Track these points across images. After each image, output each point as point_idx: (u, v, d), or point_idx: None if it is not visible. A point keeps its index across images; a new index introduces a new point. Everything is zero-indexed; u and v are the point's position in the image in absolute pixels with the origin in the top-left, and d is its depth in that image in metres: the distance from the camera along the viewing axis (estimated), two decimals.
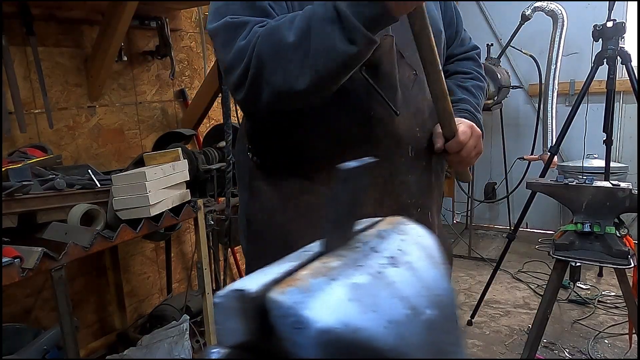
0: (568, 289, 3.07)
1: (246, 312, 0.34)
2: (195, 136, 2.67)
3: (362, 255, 0.42)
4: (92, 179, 1.82)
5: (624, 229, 1.83)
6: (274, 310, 0.34)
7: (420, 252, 0.46)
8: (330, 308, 0.34)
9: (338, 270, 0.38)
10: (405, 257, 0.43)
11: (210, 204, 2.14)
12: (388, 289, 0.39)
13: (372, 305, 0.36)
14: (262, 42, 0.86)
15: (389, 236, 0.47)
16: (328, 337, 0.33)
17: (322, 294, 0.35)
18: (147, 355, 2.13)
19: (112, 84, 2.38)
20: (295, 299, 0.34)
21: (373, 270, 0.40)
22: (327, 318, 0.33)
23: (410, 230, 0.49)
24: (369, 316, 0.35)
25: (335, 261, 0.40)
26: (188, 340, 2.23)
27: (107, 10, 2.10)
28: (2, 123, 1.89)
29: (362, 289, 0.37)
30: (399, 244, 0.45)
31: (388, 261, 0.42)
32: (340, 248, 0.43)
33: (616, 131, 3.66)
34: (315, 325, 0.33)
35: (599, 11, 3.19)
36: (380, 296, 0.37)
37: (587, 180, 1.85)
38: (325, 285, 0.36)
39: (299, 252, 0.44)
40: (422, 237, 0.49)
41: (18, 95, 1.96)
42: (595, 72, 2.61)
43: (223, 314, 0.35)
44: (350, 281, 0.37)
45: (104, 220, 1.71)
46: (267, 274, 0.37)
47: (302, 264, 0.40)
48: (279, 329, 0.34)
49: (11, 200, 1.51)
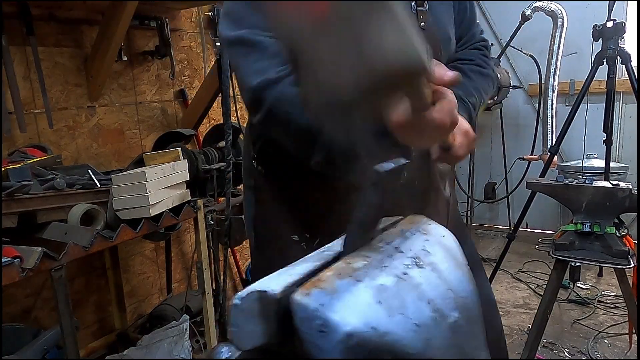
0: (568, 289, 3.07)
1: (267, 314, 0.33)
2: (195, 136, 2.67)
3: (387, 256, 0.40)
4: (92, 179, 1.82)
5: (624, 229, 1.83)
6: (299, 313, 0.32)
7: (444, 253, 0.45)
8: (358, 311, 0.33)
9: (363, 271, 0.37)
10: (429, 258, 0.42)
11: (210, 204, 2.14)
12: (414, 291, 0.37)
13: (399, 308, 0.35)
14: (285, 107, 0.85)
15: (413, 236, 0.45)
16: (355, 341, 0.31)
17: (349, 296, 0.33)
18: (147, 355, 2.13)
19: (112, 84, 2.38)
20: (321, 301, 0.32)
21: (398, 271, 0.38)
22: (355, 321, 0.32)
23: (433, 230, 0.48)
24: (396, 319, 0.34)
25: (360, 261, 0.38)
26: (188, 340, 2.23)
27: (107, 10, 2.10)
28: (2, 123, 1.89)
29: (388, 291, 0.36)
30: (423, 244, 0.44)
31: (412, 262, 0.41)
32: (363, 247, 0.42)
33: (616, 131, 3.65)
34: (342, 329, 0.31)
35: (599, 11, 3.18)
36: (407, 299, 0.36)
37: (587, 180, 1.85)
38: (351, 287, 0.34)
39: (320, 251, 0.42)
40: (445, 237, 0.48)
41: (18, 95, 1.96)
42: (595, 72, 2.61)
43: (242, 316, 0.33)
44: (376, 283, 0.36)
45: (104, 220, 1.71)
46: (290, 274, 0.36)
47: (325, 264, 0.38)
48: (302, 332, 0.32)
49: (11, 200, 1.51)
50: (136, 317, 2.57)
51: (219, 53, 2.22)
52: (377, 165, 0.38)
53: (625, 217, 1.91)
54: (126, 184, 1.72)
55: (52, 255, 1.45)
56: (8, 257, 1.35)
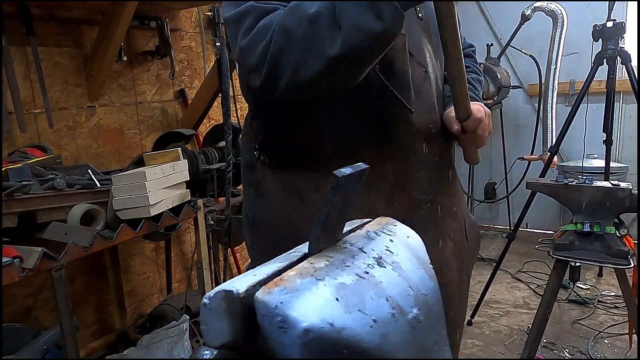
0: (568, 289, 3.07)
1: (233, 312, 0.34)
2: (195, 136, 2.67)
3: (350, 256, 0.42)
4: (92, 179, 1.83)
5: (624, 229, 1.83)
6: (260, 310, 0.34)
7: (407, 253, 0.46)
8: (316, 308, 0.34)
9: (325, 271, 0.38)
10: (392, 257, 0.44)
11: (210, 204, 2.14)
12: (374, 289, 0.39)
13: (357, 304, 0.36)
14: (285, 16, 0.82)
15: (377, 237, 0.47)
16: (313, 336, 0.33)
17: (308, 294, 0.35)
18: (147, 355, 2.13)
19: (112, 84, 2.38)
20: (281, 299, 0.34)
21: (360, 270, 0.40)
22: (312, 318, 0.33)
23: (399, 231, 0.49)
24: (354, 315, 0.35)
25: (323, 262, 0.40)
26: (188, 340, 2.23)
27: (107, 10, 2.10)
28: (2, 123, 1.89)
29: (348, 288, 0.37)
30: (387, 244, 0.46)
31: (375, 261, 0.42)
32: (328, 249, 0.43)
33: (616, 131, 3.66)
34: (300, 325, 0.33)
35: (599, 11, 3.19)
36: (366, 296, 0.38)
37: (587, 180, 1.85)
38: (311, 285, 0.36)
39: (287, 253, 0.44)
40: (410, 237, 0.49)
41: (18, 95, 1.96)
42: (595, 72, 2.61)
43: (210, 314, 0.35)
44: (336, 281, 0.37)
45: (103, 220, 1.71)
46: (256, 274, 0.37)
47: (290, 264, 0.40)
48: (265, 329, 0.34)
49: (11, 200, 1.51)
50: (136, 317, 2.57)
51: (219, 53, 2.22)
52: (336, 170, 0.39)
53: (625, 217, 1.91)
54: (126, 184, 1.72)
55: (52, 255, 1.45)
56: (8, 257, 1.35)
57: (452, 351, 0.47)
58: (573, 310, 2.96)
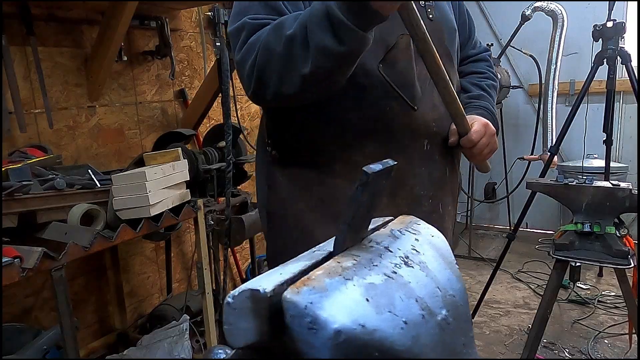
0: (568, 289, 3.07)
1: (259, 312, 0.33)
2: (195, 136, 2.67)
3: (376, 255, 0.41)
4: (92, 179, 1.82)
5: (624, 229, 1.83)
6: (289, 311, 0.33)
7: (433, 252, 0.45)
8: (347, 309, 0.33)
9: (352, 270, 0.37)
10: (419, 257, 0.43)
11: (210, 204, 2.14)
12: (403, 290, 0.38)
13: (388, 305, 0.36)
14: (268, 34, 0.90)
15: (402, 235, 0.46)
16: (344, 338, 0.32)
17: (338, 294, 0.34)
18: (147, 355, 2.13)
19: (112, 84, 2.38)
20: (310, 299, 0.33)
21: (388, 270, 0.39)
22: (344, 319, 0.32)
23: (423, 230, 0.49)
24: (385, 317, 0.35)
25: (350, 261, 0.39)
26: (188, 340, 2.23)
27: (107, 10, 2.10)
28: (2, 123, 1.89)
29: (376, 289, 0.36)
30: (412, 243, 0.45)
31: (402, 261, 0.41)
32: (353, 247, 0.42)
33: (616, 131, 3.66)
34: (331, 326, 0.32)
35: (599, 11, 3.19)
36: (396, 296, 0.37)
37: (587, 180, 1.85)
38: (340, 285, 0.35)
39: (311, 251, 0.43)
40: (435, 236, 0.49)
41: (18, 95, 1.96)
42: (595, 72, 2.61)
43: (235, 314, 0.34)
44: (365, 281, 0.36)
45: (104, 220, 1.71)
46: (282, 273, 0.36)
47: (316, 263, 0.39)
48: (293, 330, 0.33)
49: (11, 200, 1.51)
50: (136, 317, 2.57)
51: (219, 53, 2.22)
52: (365, 166, 0.39)
53: (625, 217, 1.91)
54: (126, 184, 1.72)
55: (52, 255, 1.45)
56: (8, 257, 1.35)
57: None
58: (573, 310, 2.96)
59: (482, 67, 1.30)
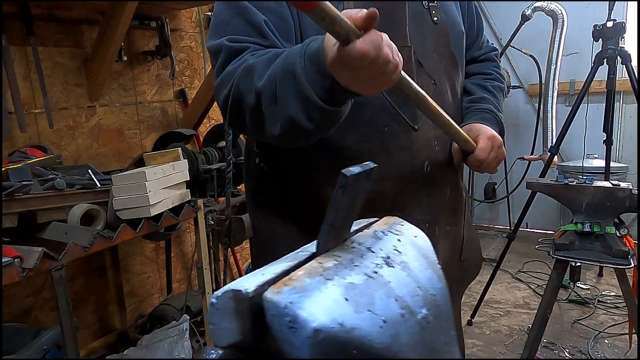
0: (568, 289, 3.07)
1: (241, 312, 0.34)
2: (195, 136, 2.67)
3: (358, 255, 0.42)
4: (92, 179, 1.82)
5: (624, 229, 1.83)
6: (270, 310, 0.34)
7: (415, 252, 0.46)
8: (326, 308, 0.34)
9: (334, 270, 0.38)
10: (400, 257, 0.43)
11: (210, 204, 2.14)
12: (383, 289, 0.39)
13: (367, 304, 0.36)
14: (240, 77, 0.84)
15: (385, 236, 0.47)
16: (323, 336, 0.33)
17: (318, 294, 0.35)
18: (147, 355, 2.13)
19: (112, 84, 2.38)
20: (290, 298, 0.34)
21: (368, 270, 0.40)
22: (323, 317, 0.33)
23: (406, 231, 0.49)
24: (364, 316, 0.35)
25: (331, 261, 0.39)
26: (188, 340, 2.23)
27: (107, 10, 2.10)
28: (2, 123, 1.89)
29: (357, 288, 0.37)
30: (394, 244, 0.45)
31: (383, 261, 0.42)
32: (336, 248, 0.43)
33: (616, 131, 3.65)
34: (310, 325, 0.33)
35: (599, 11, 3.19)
36: (376, 296, 0.37)
37: (587, 180, 1.85)
38: (320, 285, 0.35)
39: (295, 252, 0.44)
40: (418, 237, 0.49)
41: (18, 95, 1.96)
42: (595, 72, 2.61)
43: (218, 314, 0.35)
44: (345, 281, 0.37)
45: (104, 220, 1.71)
46: (264, 274, 0.37)
47: (298, 264, 0.40)
48: (274, 329, 0.34)
49: (11, 200, 1.51)
50: (136, 317, 2.57)
51: None
52: (345, 169, 0.39)
53: (625, 217, 1.91)
54: (126, 184, 1.72)
55: (52, 255, 1.45)
56: (8, 257, 1.35)
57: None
58: (573, 310, 2.96)
59: (488, 67, 1.24)
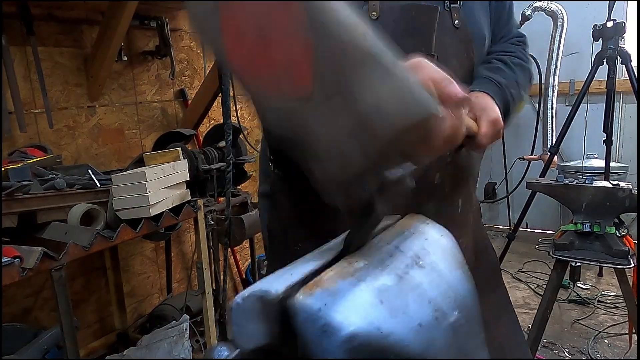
0: (568, 289, 3.07)
1: (269, 315, 0.32)
2: (195, 136, 2.67)
3: (387, 255, 0.40)
4: (92, 178, 1.82)
5: (624, 229, 1.83)
6: (302, 313, 0.32)
7: (442, 252, 0.44)
8: (360, 311, 0.32)
9: (364, 271, 0.36)
10: (429, 257, 0.42)
11: (210, 203, 2.14)
12: (415, 291, 0.37)
13: (401, 308, 0.34)
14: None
15: (412, 235, 0.45)
16: (359, 341, 0.31)
17: (351, 297, 0.33)
18: (147, 355, 2.13)
19: (112, 84, 2.38)
20: (324, 301, 0.32)
21: (399, 270, 0.38)
22: (358, 322, 0.32)
23: (431, 229, 0.48)
24: (399, 319, 0.34)
25: (361, 261, 0.38)
26: (188, 340, 2.23)
27: (107, 10, 2.10)
28: (2, 123, 1.89)
29: (390, 291, 0.35)
30: (422, 243, 0.44)
31: (412, 261, 0.40)
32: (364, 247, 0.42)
33: (616, 131, 3.65)
34: (346, 329, 0.31)
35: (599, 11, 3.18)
36: (409, 299, 0.36)
37: (587, 180, 1.85)
38: (353, 287, 0.34)
39: (320, 249, 0.42)
40: (443, 236, 0.48)
41: (18, 95, 1.96)
42: (595, 72, 2.61)
43: (243, 316, 0.33)
44: (378, 283, 0.36)
45: (104, 220, 1.71)
46: (292, 273, 0.36)
47: (326, 263, 0.38)
48: (305, 333, 0.32)
49: (11, 200, 1.51)
50: (136, 317, 2.57)
51: None
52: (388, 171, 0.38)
53: (625, 217, 1.91)
54: (126, 183, 1.72)
55: (52, 255, 1.45)
56: (8, 257, 1.35)
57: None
58: (573, 310, 2.96)
59: (511, 47, 1.11)
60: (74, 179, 1.77)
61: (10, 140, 1.97)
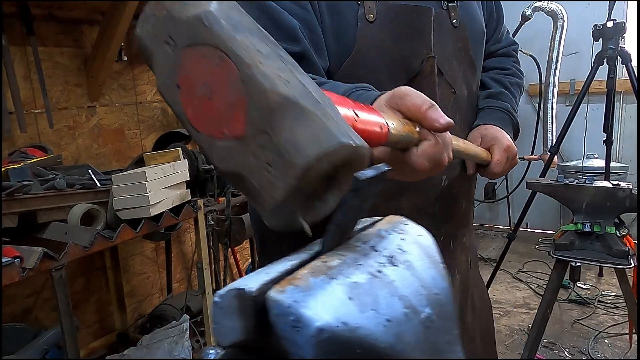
0: (568, 289, 3.07)
1: (245, 311, 0.34)
2: None
3: (362, 255, 0.42)
4: (92, 178, 1.82)
5: (624, 228, 1.83)
6: (273, 309, 0.34)
7: (419, 251, 0.46)
8: (330, 307, 0.34)
9: (337, 269, 0.38)
10: (404, 256, 0.44)
11: (210, 203, 2.14)
12: (387, 288, 0.39)
13: (371, 304, 0.36)
14: None
15: (389, 235, 0.47)
16: (327, 335, 0.33)
17: (322, 293, 0.35)
18: (147, 355, 2.13)
19: (112, 84, 2.38)
20: (294, 297, 0.34)
21: (372, 269, 0.40)
22: (326, 317, 0.33)
23: (410, 230, 0.49)
24: (368, 315, 0.35)
25: (335, 260, 0.40)
26: (188, 340, 2.23)
27: (107, 10, 2.10)
28: (2, 123, 1.89)
29: (360, 288, 0.37)
30: (398, 243, 0.45)
31: (387, 260, 0.42)
32: (340, 247, 0.43)
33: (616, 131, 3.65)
34: (314, 324, 0.33)
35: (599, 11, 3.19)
36: (380, 295, 0.37)
37: (587, 180, 1.85)
38: (324, 284, 0.36)
39: (299, 251, 0.44)
40: (422, 236, 0.49)
41: (18, 95, 1.96)
42: (595, 72, 2.61)
43: (221, 313, 0.35)
44: (349, 280, 0.37)
45: (104, 220, 1.71)
46: (268, 273, 0.37)
47: (302, 262, 0.40)
48: (277, 328, 0.34)
49: (11, 200, 1.51)
50: (136, 317, 2.57)
51: None
52: (359, 173, 0.39)
53: (625, 217, 1.91)
54: (126, 183, 1.72)
55: (52, 255, 1.45)
56: (8, 257, 1.35)
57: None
58: (573, 310, 2.96)
59: (507, 62, 1.16)
60: (74, 179, 1.77)
61: (11, 140, 1.97)
